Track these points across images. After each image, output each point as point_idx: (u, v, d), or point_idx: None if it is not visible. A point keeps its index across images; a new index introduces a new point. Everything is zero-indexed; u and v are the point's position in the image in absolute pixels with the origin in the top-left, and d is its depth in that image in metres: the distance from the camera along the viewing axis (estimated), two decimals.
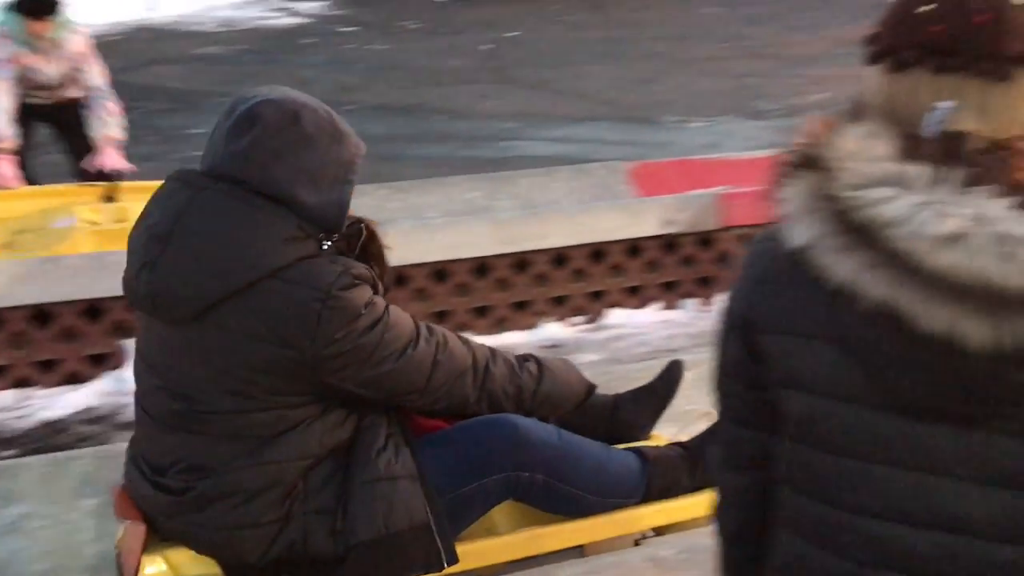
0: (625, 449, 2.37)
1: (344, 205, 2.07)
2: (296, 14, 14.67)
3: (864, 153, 1.15)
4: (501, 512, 2.24)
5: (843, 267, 1.13)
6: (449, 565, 2.09)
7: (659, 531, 2.37)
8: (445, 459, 2.15)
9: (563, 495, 2.23)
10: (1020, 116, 1.16)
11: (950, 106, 1.15)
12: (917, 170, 1.13)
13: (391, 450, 2.09)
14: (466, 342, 2.19)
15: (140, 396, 2.14)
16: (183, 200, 1.99)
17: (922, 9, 1.17)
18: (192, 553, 2.07)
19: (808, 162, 1.18)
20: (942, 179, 1.11)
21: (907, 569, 1.20)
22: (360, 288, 1.98)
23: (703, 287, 5.00)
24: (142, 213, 2.06)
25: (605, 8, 14.07)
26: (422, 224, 4.94)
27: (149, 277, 1.97)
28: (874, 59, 1.22)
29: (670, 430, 2.56)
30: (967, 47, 1.15)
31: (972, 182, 1.10)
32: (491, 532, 2.25)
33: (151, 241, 1.99)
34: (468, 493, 2.16)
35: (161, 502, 2.06)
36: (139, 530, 2.06)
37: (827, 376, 1.21)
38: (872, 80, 1.22)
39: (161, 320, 2.01)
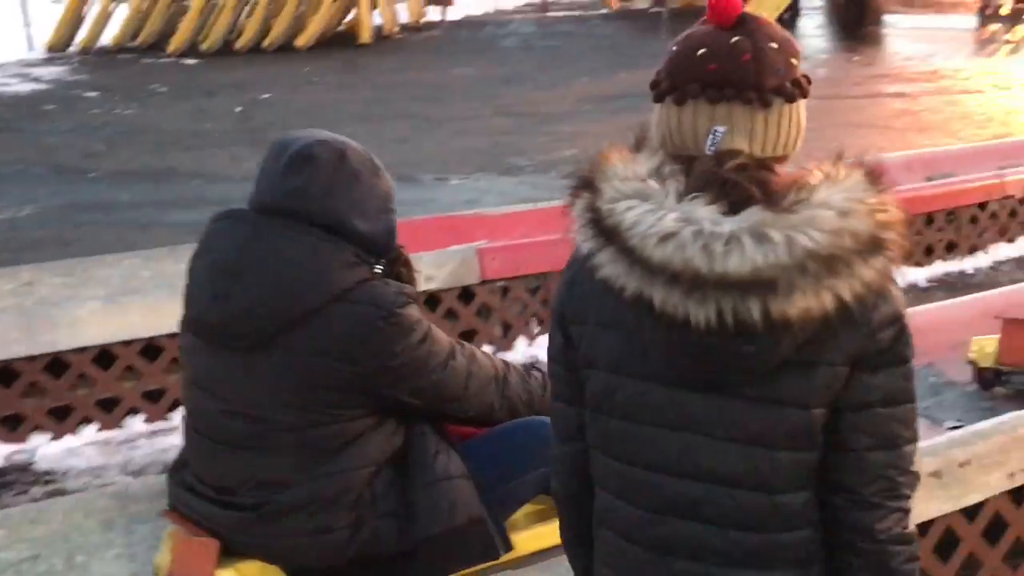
0: None
1: (392, 231, 2.32)
2: (36, 80, 13.94)
3: (623, 174, 1.42)
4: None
5: (605, 266, 1.40)
6: (504, 553, 2.37)
7: None
8: (488, 459, 2.40)
9: None
10: (779, 137, 1.43)
11: (723, 130, 1.41)
12: (656, 186, 1.39)
13: (444, 454, 2.34)
14: (486, 355, 2.44)
15: (195, 422, 2.31)
16: (247, 234, 2.21)
17: (700, 52, 1.42)
18: (260, 564, 2.25)
19: (585, 184, 1.45)
20: (674, 192, 1.37)
21: (681, 514, 1.47)
22: (411, 306, 2.23)
23: (467, 341, 5.03)
24: (197, 252, 2.29)
25: (359, 70, 14.14)
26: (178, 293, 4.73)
27: (224, 307, 2.17)
28: (660, 97, 1.46)
29: None
30: (736, 81, 1.40)
31: (700, 190, 1.36)
32: (513, 527, 2.47)
33: (220, 275, 2.20)
34: (511, 488, 2.43)
35: (231, 519, 2.24)
36: (212, 545, 2.23)
37: (614, 357, 1.49)
38: (657, 114, 1.47)
39: (231, 348, 2.19)
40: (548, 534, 2.39)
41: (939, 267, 6.27)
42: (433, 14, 17.06)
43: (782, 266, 1.32)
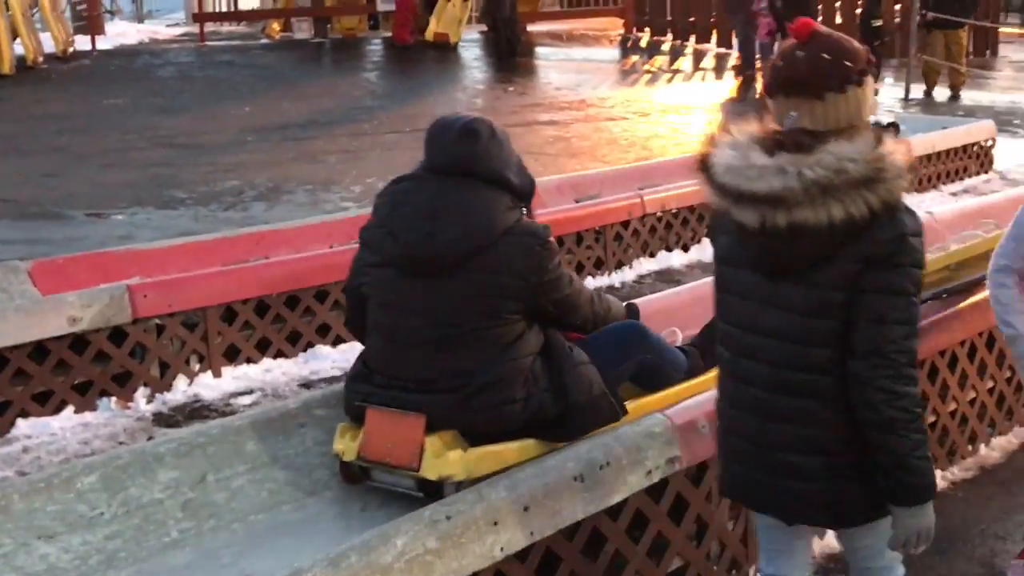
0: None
1: (534, 184, 3.29)
2: None
3: (732, 133, 2.20)
4: None
5: (707, 192, 2.23)
6: (623, 415, 3.25)
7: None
8: (595, 352, 3.28)
9: (664, 373, 3.56)
10: (832, 117, 2.16)
11: (794, 116, 2.19)
12: (743, 140, 2.17)
13: (574, 348, 3.21)
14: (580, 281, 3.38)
15: (393, 334, 3.13)
16: (434, 190, 3.08)
17: (779, 64, 2.26)
18: (454, 432, 3.01)
19: (709, 140, 2.26)
20: (752, 143, 2.15)
21: (749, 356, 2.25)
22: (551, 237, 3.15)
23: (119, 384, 4.77)
24: (388, 205, 3.17)
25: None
26: None
27: (429, 242, 3.01)
28: (765, 89, 2.31)
29: None
30: (799, 83, 2.20)
31: (774, 147, 2.13)
32: None
33: (421, 220, 3.04)
34: (617, 374, 3.36)
35: (436, 401, 3.01)
36: (420, 418, 3.00)
37: (724, 254, 2.32)
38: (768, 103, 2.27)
39: (430, 274, 3.03)
40: (643, 406, 3.37)
41: (589, 282, 6.64)
42: (83, 43, 16.11)
43: (791, 188, 2.06)
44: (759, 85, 14.44)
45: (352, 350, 4.92)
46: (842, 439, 2.17)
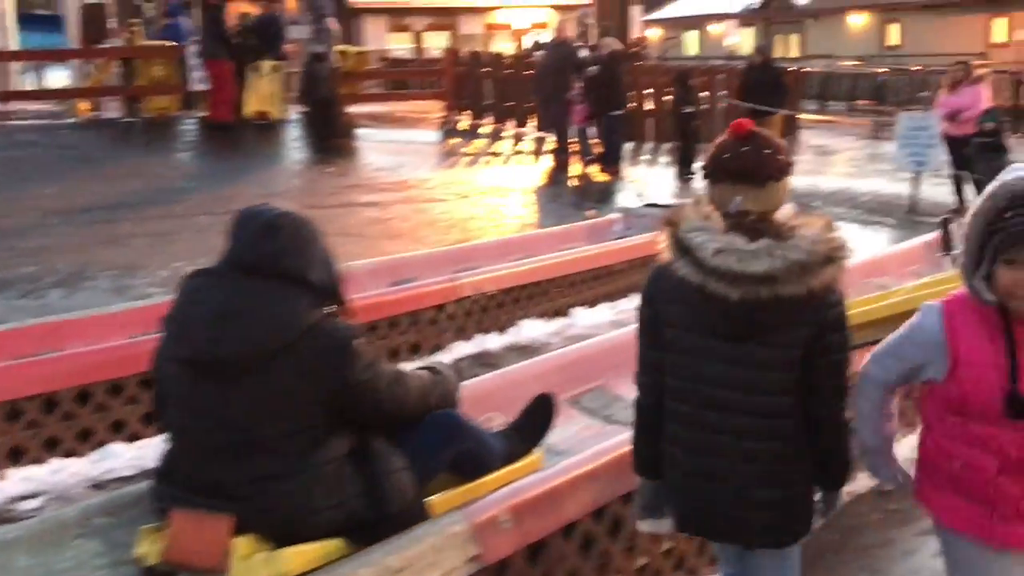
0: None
1: (339, 280, 3.14)
2: None
3: (693, 217, 2.55)
4: None
5: (682, 269, 2.53)
6: (423, 521, 3.12)
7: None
8: (416, 443, 3.23)
9: (482, 461, 3.48)
10: (771, 202, 2.59)
11: (739, 200, 2.56)
12: (714, 225, 2.53)
13: (392, 450, 3.14)
14: (414, 373, 3.36)
15: (186, 437, 2.98)
16: (230, 288, 2.92)
17: (725, 155, 2.64)
18: (256, 537, 2.86)
19: (670, 222, 2.59)
20: (723, 228, 2.52)
21: (717, 408, 2.61)
22: (360, 339, 3.01)
23: None
24: (183, 302, 2.98)
25: None
26: None
27: (218, 346, 2.85)
28: (706, 176, 2.67)
29: None
30: (746, 173, 2.58)
31: (733, 230, 2.51)
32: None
33: (213, 320, 2.88)
34: (434, 465, 3.30)
35: (232, 508, 2.85)
36: (227, 521, 2.83)
37: (683, 321, 2.61)
38: (708, 188, 2.65)
39: (224, 377, 2.87)
40: (461, 495, 3.32)
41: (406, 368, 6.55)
42: None
43: (780, 268, 2.47)
44: (574, 168, 14.86)
45: (151, 447, 4.66)
46: (796, 472, 2.66)
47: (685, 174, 14.73)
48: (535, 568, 3.25)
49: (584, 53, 15.27)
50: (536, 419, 3.75)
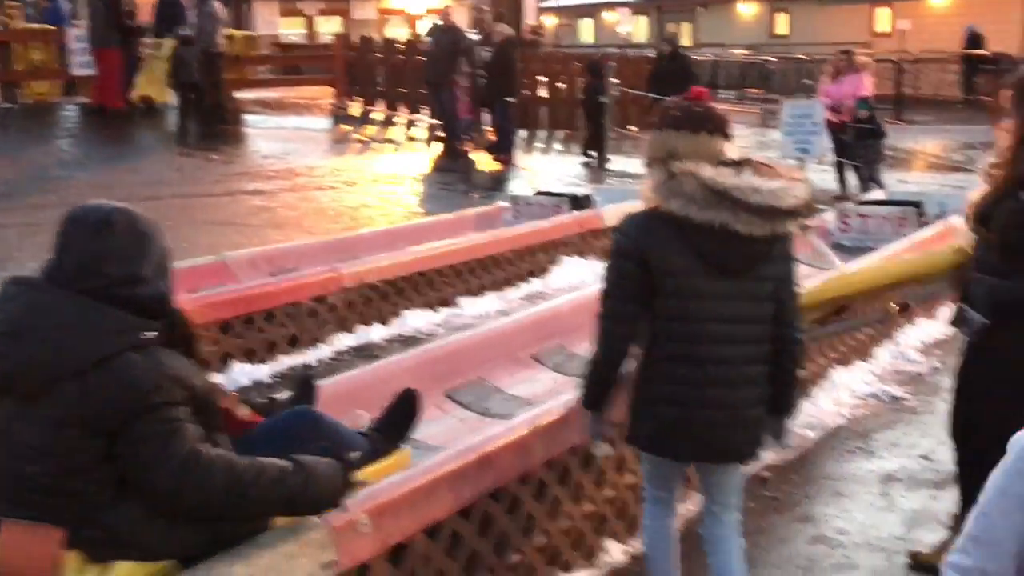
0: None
1: (165, 296, 2.71)
2: None
3: (702, 168, 2.88)
4: None
5: (703, 213, 2.84)
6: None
7: None
8: (270, 442, 2.96)
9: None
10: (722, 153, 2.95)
11: (721, 146, 2.97)
12: (728, 170, 2.89)
13: (233, 457, 2.70)
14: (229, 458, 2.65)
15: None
16: (33, 300, 2.56)
17: (677, 111, 3.00)
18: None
19: (673, 175, 2.89)
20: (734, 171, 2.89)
21: (716, 341, 2.94)
22: (163, 390, 2.53)
23: None
24: None
25: None
26: None
27: (3, 362, 2.53)
28: (671, 126, 3.00)
29: None
30: (693, 123, 2.94)
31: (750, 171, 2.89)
32: None
33: (4, 334, 2.54)
34: None
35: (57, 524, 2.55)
36: (57, 533, 2.55)
37: (685, 267, 2.90)
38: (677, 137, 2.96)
39: (17, 398, 2.53)
40: None
41: (284, 361, 6.37)
42: None
43: (802, 205, 2.93)
44: (465, 155, 14.75)
45: None
46: (767, 394, 3.04)
47: (594, 160, 14.74)
48: (399, 571, 3.14)
49: (476, 39, 15.14)
50: (400, 416, 3.62)
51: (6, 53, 16.80)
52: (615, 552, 4.02)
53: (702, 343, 2.93)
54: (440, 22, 15.24)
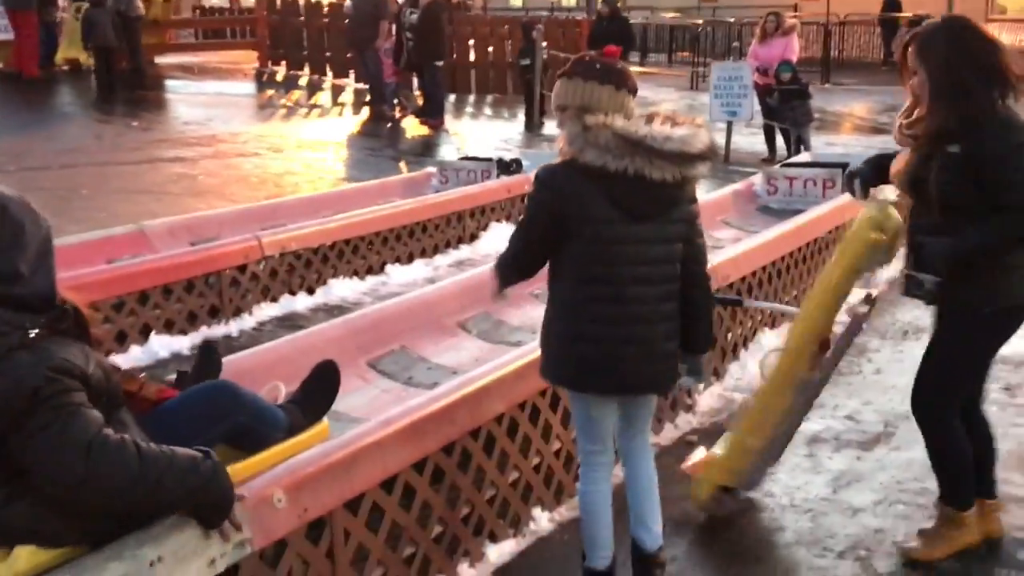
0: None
1: (47, 289, 2.48)
2: None
3: (614, 119, 3.01)
4: None
5: (619, 161, 2.98)
6: None
7: None
8: (187, 416, 2.95)
9: (260, 434, 3.11)
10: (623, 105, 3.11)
11: (625, 100, 3.14)
12: (639, 120, 3.07)
13: (139, 435, 2.61)
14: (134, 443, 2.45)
15: None
16: None
17: (603, 63, 3.13)
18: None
19: (588, 127, 3.00)
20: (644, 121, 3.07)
21: (637, 282, 3.10)
22: (56, 382, 2.35)
23: None
24: None
25: None
26: None
27: None
28: (581, 76, 3.12)
29: None
30: (606, 77, 3.08)
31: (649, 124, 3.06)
32: None
33: None
34: (207, 440, 2.82)
35: None
36: None
37: (602, 214, 3.03)
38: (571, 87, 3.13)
39: None
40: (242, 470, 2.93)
41: (205, 333, 6.20)
42: None
43: (707, 149, 3.11)
44: (391, 120, 14.54)
45: None
46: (679, 329, 3.22)
47: (532, 124, 14.65)
48: (318, 547, 3.05)
49: (403, 2, 14.88)
50: (318, 389, 3.51)
51: None
52: (542, 521, 3.96)
53: (622, 284, 3.08)
54: None
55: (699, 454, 4.14)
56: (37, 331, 2.40)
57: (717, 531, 3.99)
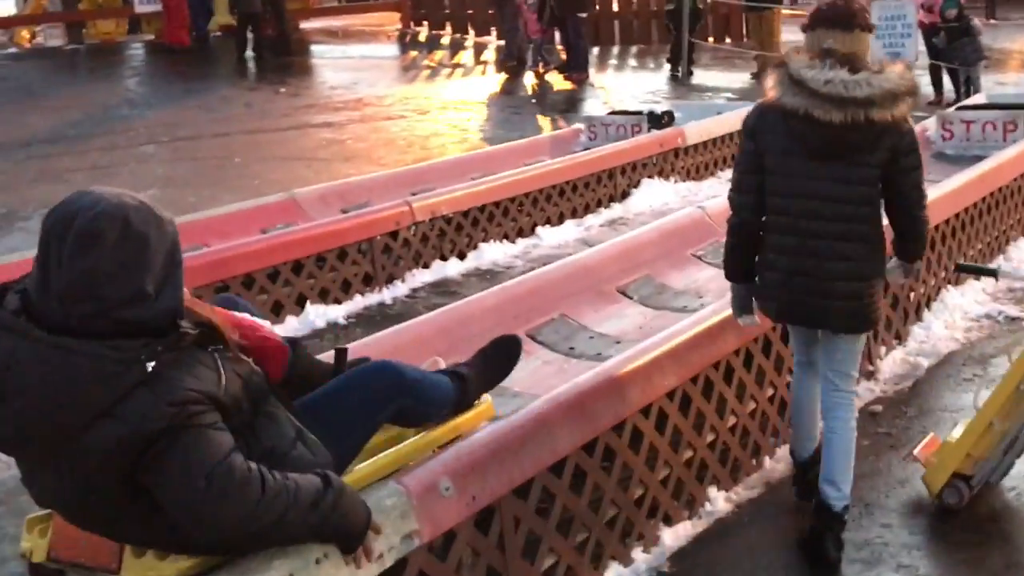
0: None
1: (173, 309, 2.23)
2: None
3: (800, 59, 3.23)
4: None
5: (791, 100, 3.17)
6: None
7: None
8: (350, 403, 2.75)
9: (425, 415, 2.96)
10: (859, 47, 3.22)
11: (831, 42, 3.20)
12: (818, 63, 3.18)
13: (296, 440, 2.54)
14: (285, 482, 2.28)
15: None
16: (7, 350, 2.11)
17: (822, 8, 3.29)
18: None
19: (779, 64, 3.28)
20: (826, 65, 3.17)
21: (813, 217, 3.24)
22: (185, 414, 2.15)
23: None
24: None
25: None
26: None
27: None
28: (805, 28, 3.32)
29: None
30: (836, 19, 3.22)
31: (836, 66, 3.15)
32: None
33: None
34: (373, 424, 2.79)
35: None
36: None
37: (782, 146, 3.25)
38: (807, 36, 3.30)
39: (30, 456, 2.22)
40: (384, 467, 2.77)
41: (359, 301, 6.13)
42: None
43: (876, 94, 3.10)
44: (528, 76, 14.30)
45: None
46: (872, 272, 3.29)
47: (678, 75, 14.20)
48: (488, 538, 2.88)
49: None
50: (495, 360, 3.29)
51: None
52: (718, 501, 3.71)
53: (795, 216, 3.28)
54: None
55: (928, 439, 3.80)
56: (155, 362, 2.15)
57: (912, 510, 3.67)
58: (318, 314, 5.84)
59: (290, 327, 5.63)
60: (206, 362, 2.26)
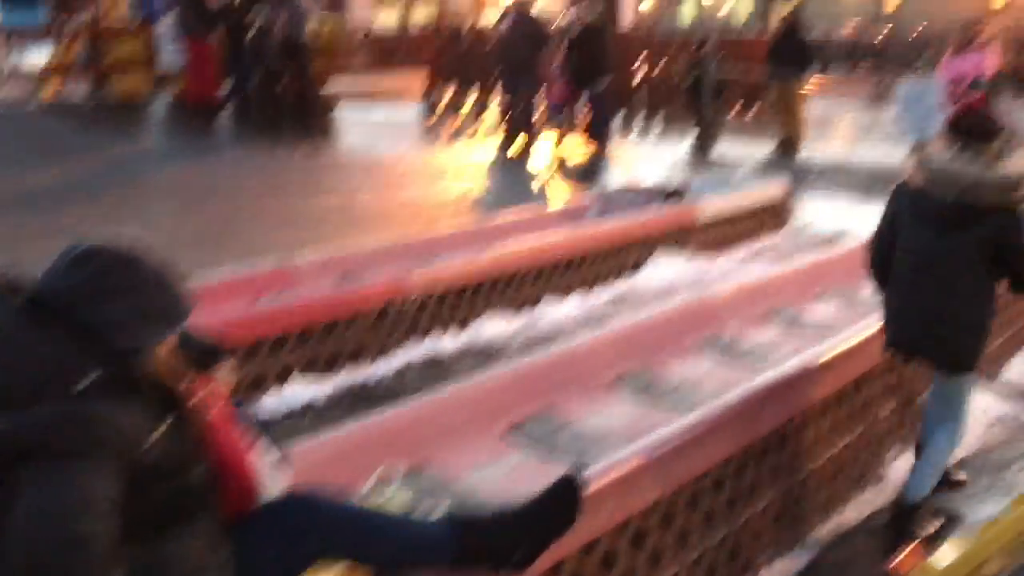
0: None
1: (146, 339, 2.29)
2: None
3: (936, 150, 4.02)
4: None
5: (918, 180, 4.02)
6: None
7: None
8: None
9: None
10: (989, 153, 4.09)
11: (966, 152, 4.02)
12: (949, 154, 3.98)
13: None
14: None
15: None
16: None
17: (957, 120, 4.27)
18: None
19: (920, 151, 4.09)
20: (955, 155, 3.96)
21: (926, 272, 4.05)
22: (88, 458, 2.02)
23: None
24: None
25: None
26: None
27: None
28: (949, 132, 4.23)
29: None
30: (971, 132, 4.04)
31: (961, 155, 3.94)
32: None
33: None
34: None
35: None
36: None
37: (910, 217, 4.07)
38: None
39: None
40: None
41: (342, 378, 5.88)
42: None
43: (983, 183, 3.80)
44: (546, 142, 14.16)
45: None
46: (965, 324, 3.96)
47: (700, 148, 14.02)
48: None
49: (569, 20, 14.44)
50: (536, 515, 2.75)
51: (96, 47, 16.77)
52: None
53: (906, 267, 4.05)
54: (512, 6, 14.45)
55: (911, 548, 3.51)
56: (93, 380, 2.10)
57: None
58: (297, 391, 5.60)
59: (268, 405, 5.40)
60: (153, 412, 2.20)
